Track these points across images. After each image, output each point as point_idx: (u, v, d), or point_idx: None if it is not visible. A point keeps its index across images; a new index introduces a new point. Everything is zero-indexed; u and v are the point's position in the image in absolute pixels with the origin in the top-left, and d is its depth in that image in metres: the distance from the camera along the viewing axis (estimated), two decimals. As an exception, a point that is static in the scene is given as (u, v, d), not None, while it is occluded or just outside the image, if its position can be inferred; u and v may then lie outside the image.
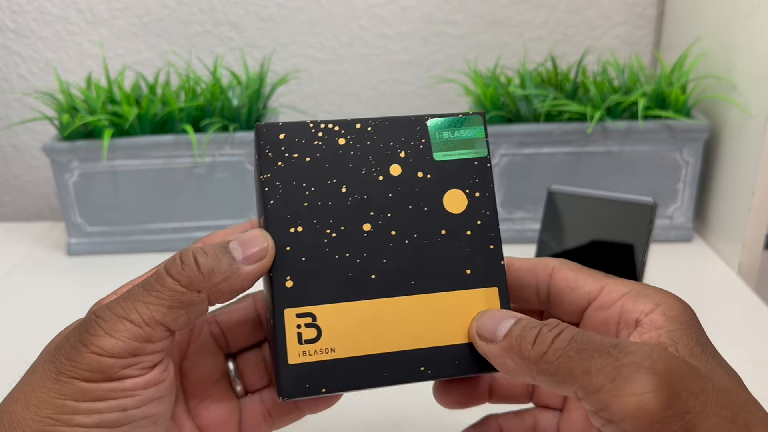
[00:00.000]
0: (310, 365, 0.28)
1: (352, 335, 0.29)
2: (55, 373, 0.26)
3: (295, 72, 0.86)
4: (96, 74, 0.84)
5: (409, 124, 0.31)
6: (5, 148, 0.90)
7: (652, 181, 0.71)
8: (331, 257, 0.29)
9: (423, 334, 0.29)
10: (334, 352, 0.29)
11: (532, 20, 0.86)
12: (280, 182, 0.30)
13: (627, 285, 0.29)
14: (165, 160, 0.71)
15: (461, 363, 0.30)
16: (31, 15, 0.84)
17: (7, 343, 0.59)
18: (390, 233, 0.30)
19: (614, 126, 0.69)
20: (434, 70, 0.88)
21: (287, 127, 0.30)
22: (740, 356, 0.55)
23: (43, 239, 0.80)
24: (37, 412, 0.26)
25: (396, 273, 0.30)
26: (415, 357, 0.29)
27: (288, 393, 0.28)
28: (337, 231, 0.30)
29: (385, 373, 0.29)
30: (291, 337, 0.28)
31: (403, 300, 0.30)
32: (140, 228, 0.74)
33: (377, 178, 0.30)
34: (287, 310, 0.29)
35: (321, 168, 0.30)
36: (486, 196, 0.31)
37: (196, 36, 0.86)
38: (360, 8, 0.85)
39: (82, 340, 0.26)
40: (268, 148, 0.30)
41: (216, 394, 0.34)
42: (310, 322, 0.29)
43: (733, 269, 0.67)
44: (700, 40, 0.74)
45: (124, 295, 0.27)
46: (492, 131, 0.70)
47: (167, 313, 0.27)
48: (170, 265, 0.27)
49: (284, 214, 0.29)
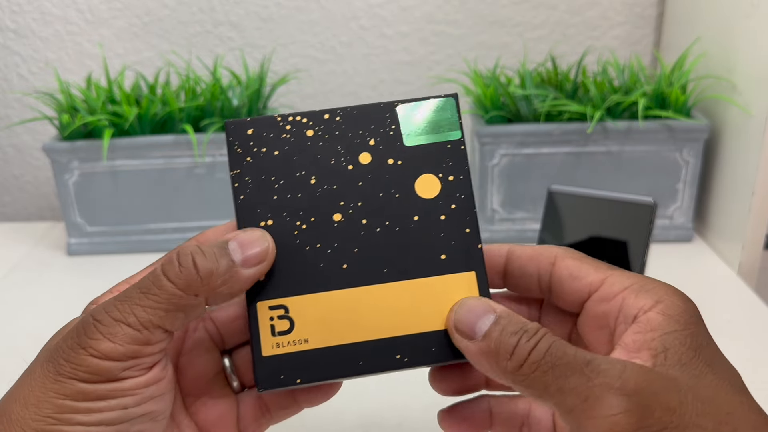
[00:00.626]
0: (284, 357, 0.29)
1: (326, 325, 0.29)
2: (54, 374, 0.26)
3: (295, 72, 0.86)
4: (96, 74, 0.84)
5: (378, 111, 0.31)
6: (5, 148, 0.90)
7: (652, 181, 0.71)
8: (302, 249, 0.30)
9: (398, 322, 0.29)
10: (308, 342, 0.29)
11: (532, 20, 0.86)
12: (249, 177, 0.30)
13: (630, 278, 0.29)
14: (165, 160, 0.71)
15: (438, 350, 0.29)
16: (31, 15, 0.84)
17: (7, 342, 0.59)
18: (361, 222, 0.30)
19: (614, 126, 0.69)
20: (434, 70, 0.88)
21: (255, 122, 0.30)
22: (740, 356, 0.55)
23: (43, 239, 0.80)
24: (37, 411, 0.26)
25: (368, 261, 0.30)
26: (390, 345, 0.29)
27: (264, 385, 0.29)
28: (307, 222, 0.30)
29: (360, 362, 0.29)
30: (264, 329, 0.29)
31: (377, 288, 0.29)
32: (140, 228, 0.74)
33: (347, 168, 0.30)
34: (260, 302, 0.29)
35: (289, 161, 0.30)
36: (460, 179, 0.31)
37: (196, 36, 0.86)
38: (360, 8, 0.85)
39: (80, 342, 0.26)
40: (237, 144, 0.30)
41: (213, 391, 0.34)
42: (282, 314, 0.29)
43: (733, 269, 0.67)
44: (700, 40, 0.74)
45: (121, 297, 0.27)
46: (492, 131, 0.70)
47: (165, 316, 0.27)
48: (167, 266, 0.27)
49: (254, 209, 0.30)
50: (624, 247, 0.56)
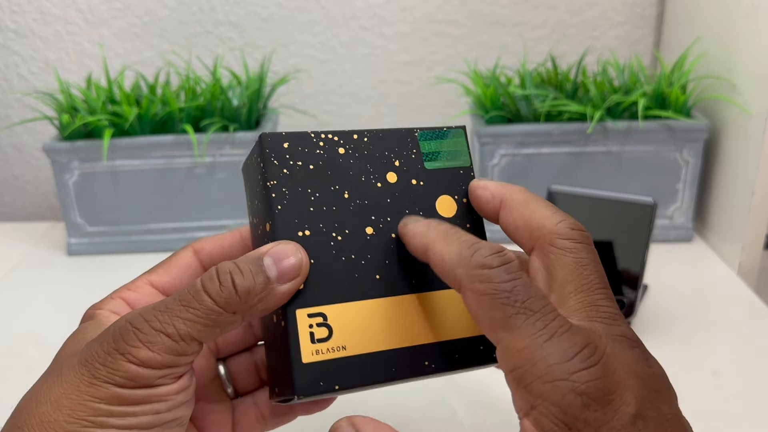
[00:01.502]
0: (323, 363, 0.29)
1: (361, 333, 0.30)
2: (90, 377, 0.26)
3: (295, 72, 0.86)
4: (96, 74, 0.84)
5: (401, 135, 0.33)
6: (5, 148, 0.90)
7: (652, 181, 0.71)
8: (338, 259, 0.30)
9: (426, 331, 0.31)
10: (345, 350, 0.29)
11: (532, 20, 0.86)
12: (287, 188, 0.31)
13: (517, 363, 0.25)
14: (165, 160, 0.71)
15: (462, 357, 0.31)
16: (31, 15, 0.84)
17: (7, 342, 0.59)
18: (391, 236, 0.31)
19: (614, 126, 0.69)
20: (434, 70, 0.88)
21: (291, 136, 0.31)
22: (740, 356, 0.55)
23: (43, 239, 0.80)
24: (71, 414, 0.26)
25: (398, 273, 0.31)
26: (420, 352, 0.30)
27: (303, 391, 0.29)
28: (342, 234, 0.31)
29: (393, 368, 0.30)
30: (304, 336, 0.29)
31: (406, 299, 0.31)
32: (140, 228, 0.74)
33: (376, 185, 0.32)
34: (299, 310, 0.29)
35: (324, 175, 0.31)
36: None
37: (196, 36, 0.86)
38: (360, 8, 0.85)
39: (118, 348, 0.26)
40: (273, 156, 0.31)
41: (209, 396, 0.34)
42: (321, 321, 0.30)
43: (733, 269, 0.67)
44: (700, 40, 0.74)
45: (161, 307, 0.27)
46: (492, 131, 0.70)
47: (202, 330, 0.27)
48: (208, 284, 0.27)
49: (292, 219, 0.30)
50: (624, 247, 0.56)
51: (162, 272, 0.33)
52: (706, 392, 0.50)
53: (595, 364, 0.23)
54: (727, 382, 0.51)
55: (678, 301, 0.61)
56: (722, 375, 0.51)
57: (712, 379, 0.51)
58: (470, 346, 0.31)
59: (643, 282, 0.59)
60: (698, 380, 0.51)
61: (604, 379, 0.23)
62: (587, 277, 0.27)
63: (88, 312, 0.32)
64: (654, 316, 0.59)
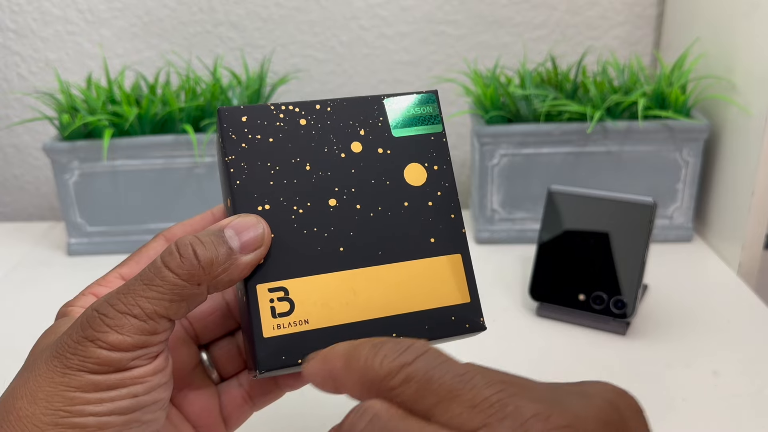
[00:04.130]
0: (285, 337, 0.29)
1: (325, 307, 0.30)
2: (62, 367, 0.26)
3: (295, 72, 0.86)
4: (96, 74, 0.84)
5: (366, 103, 0.32)
6: (5, 148, 0.90)
7: (652, 181, 0.71)
8: (300, 232, 0.30)
9: (393, 303, 0.30)
10: (308, 323, 0.29)
11: (532, 20, 0.86)
12: (245, 163, 0.30)
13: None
14: (165, 160, 0.71)
15: (431, 328, 0.30)
16: (31, 15, 0.84)
17: (6, 342, 0.59)
18: (355, 207, 0.31)
19: (614, 126, 0.69)
20: (434, 70, 0.88)
21: (249, 109, 0.31)
22: (740, 356, 0.55)
23: (43, 239, 0.80)
24: (47, 406, 0.26)
25: (363, 245, 0.31)
26: (386, 325, 0.30)
27: (265, 366, 0.29)
28: (304, 207, 0.30)
29: None
30: (264, 311, 0.29)
31: (372, 270, 0.30)
32: (140, 228, 0.74)
33: (339, 156, 0.31)
34: (259, 285, 0.29)
35: (284, 148, 0.31)
36: (444, 168, 0.32)
37: (196, 36, 0.86)
38: (360, 8, 0.85)
39: (86, 336, 0.26)
40: (231, 130, 0.31)
41: (194, 383, 0.34)
42: (282, 296, 0.29)
43: (733, 269, 0.67)
44: (700, 40, 0.74)
45: (123, 289, 0.27)
46: (492, 131, 0.70)
47: (169, 306, 0.27)
48: (168, 258, 0.27)
49: (251, 193, 0.30)
50: (624, 247, 0.56)
51: (133, 264, 0.33)
52: (706, 392, 0.50)
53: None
54: (727, 382, 0.51)
55: (678, 301, 0.61)
56: (722, 375, 0.51)
57: (712, 379, 0.51)
58: (440, 317, 0.31)
59: (643, 282, 0.59)
60: (698, 380, 0.51)
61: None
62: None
63: (61, 310, 0.32)
64: (654, 316, 0.59)
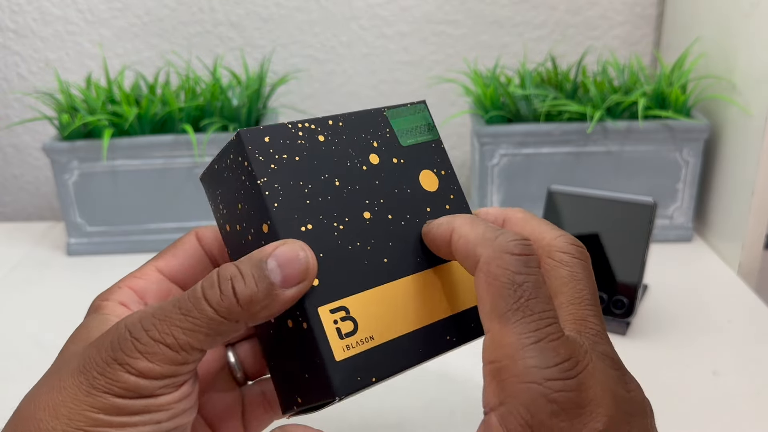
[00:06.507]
0: (356, 357, 0.28)
1: (384, 320, 0.29)
2: (87, 386, 0.26)
3: (295, 72, 0.86)
4: (96, 74, 0.84)
5: (371, 116, 0.33)
6: (5, 148, 0.90)
7: (652, 181, 0.71)
8: (345, 248, 0.29)
9: (440, 306, 0.31)
10: (374, 339, 0.29)
11: (532, 20, 0.86)
12: (279, 184, 0.29)
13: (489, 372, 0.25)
14: (165, 160, 0.71)
15: (477, 325, 0.31)
16: (31, 15, 0.84)
17: (6, 342, 0.59)
18: (387, 217, 0.31)
19: (614, 126, 0.69)
20: (434, 70, 0.88)
21: (270, 129, 0.30)
22: (740, 356, 0.55)
23: (43, 239, 0.80)
24: (69, 423, 0.25)
25: (403, 253, 0.31)
26: (440, 328, 0.30)
27: (344, 391, 0.28)
28: (343, 223, 0.30)
29: (420, 349, 0.29)
30: (331, 333, 0.28)
31: (415, 278, 0.31)
32: (140, 228, 0.74)
33: (362, 168, 0.31)
34: (321, 308, 0.28)
35: (311, 165, 0.30)
36: (450, 173, 0.33)
37: (196, 36, 0.86)
38: (360, 8, 0.85)
39: (116, 358, 0.26)
40: (258, 152, 0.29)
41: (218, 385, 0.34)
42: (344, 315, 0.29)
43: (733, 269, 0.67)
44: (700, 40, 0.74)
45: (159, 314, 0.26)
46: (492, 131, 0.70)
47: (204, 340, 0.26)
48: (209, 292, 0.26)
49: (291, 215, 0.29)
50: (624, 247, 0.56)
51: (169, 257, 0.32)
52: (705, 392, 0.50)
53: (573, 377, 0.24)
54: (726, 382, 0.51)
55: (678, 301, 0.61)
56: (722, 375, 0.51)
57: (712, 379, 0.51)
58: (467, 320, 0.31)
59: (643, 282, 0.59)
60: (698, 380, 0.51)
61: (578, 392, 0.23)
62: (580, 292, 0.27)
63: (95, 303, 0.31)
64: (654, 316, 0.59)
